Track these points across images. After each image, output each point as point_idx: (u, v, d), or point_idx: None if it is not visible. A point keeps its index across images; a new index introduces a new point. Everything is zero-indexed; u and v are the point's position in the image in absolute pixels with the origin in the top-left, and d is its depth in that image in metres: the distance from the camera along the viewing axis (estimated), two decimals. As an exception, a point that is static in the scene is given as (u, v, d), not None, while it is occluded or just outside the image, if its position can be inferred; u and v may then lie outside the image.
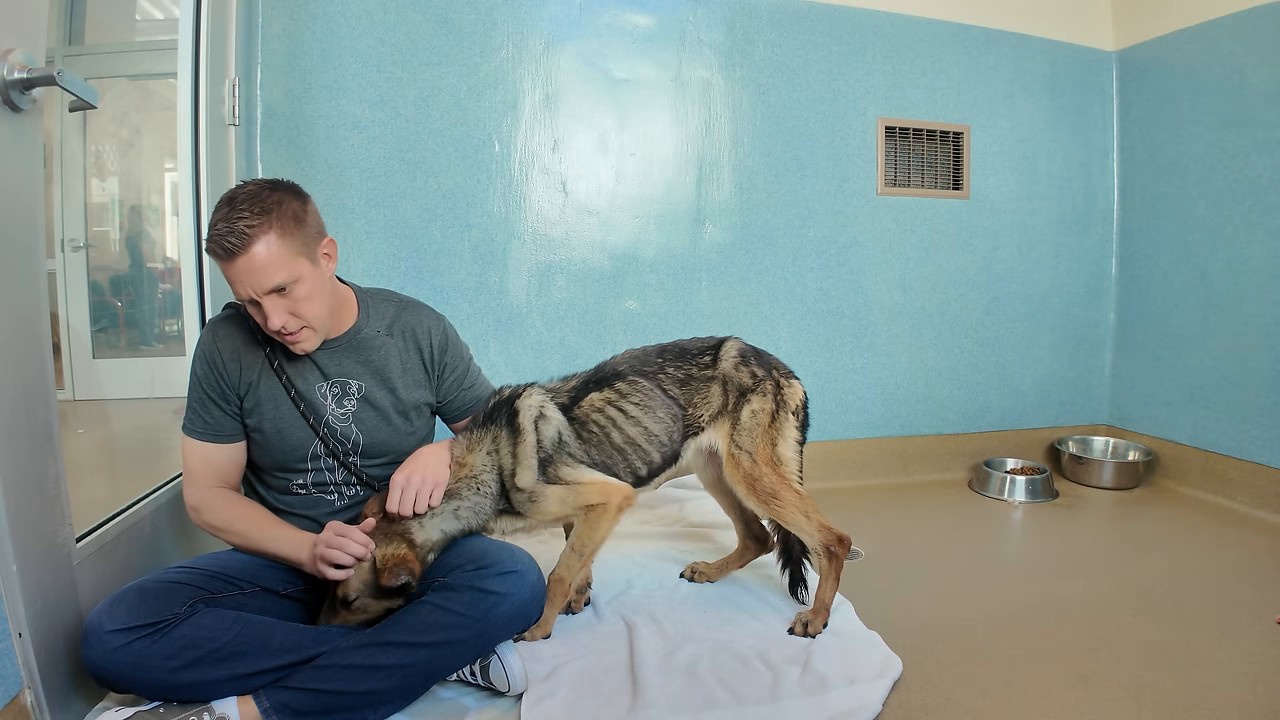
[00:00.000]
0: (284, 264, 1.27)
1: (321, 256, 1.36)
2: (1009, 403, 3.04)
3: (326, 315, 1.38)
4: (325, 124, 2.26)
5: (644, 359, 1.68)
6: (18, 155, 1.12)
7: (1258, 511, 2.48)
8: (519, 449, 1.50)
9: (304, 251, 1.31)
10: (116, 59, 2.93)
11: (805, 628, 1.62)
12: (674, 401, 1.64)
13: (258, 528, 1.40)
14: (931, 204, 2.87)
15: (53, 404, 1.21)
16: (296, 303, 1.30)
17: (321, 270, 1.36)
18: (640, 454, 1.60)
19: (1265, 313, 2.52)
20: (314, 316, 1.34)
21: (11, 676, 1.12)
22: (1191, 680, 1.48)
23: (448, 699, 1.39)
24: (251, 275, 1.25)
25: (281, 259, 1.27)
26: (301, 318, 1.32)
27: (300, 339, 1.35)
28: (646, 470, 1.62)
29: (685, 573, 1.92)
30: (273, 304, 1.28)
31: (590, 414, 1.58)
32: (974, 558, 2.20)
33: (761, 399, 1.64)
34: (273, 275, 1.26)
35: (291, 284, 1.29)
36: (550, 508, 1.51)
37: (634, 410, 1.60)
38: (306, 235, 1.32)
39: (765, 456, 1.62)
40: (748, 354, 1.69)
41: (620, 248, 2.58)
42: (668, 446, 1.63)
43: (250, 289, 1.27)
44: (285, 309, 1.30)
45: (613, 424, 1.58)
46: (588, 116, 2.52)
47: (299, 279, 1.29)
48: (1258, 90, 2.51)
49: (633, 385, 1.62)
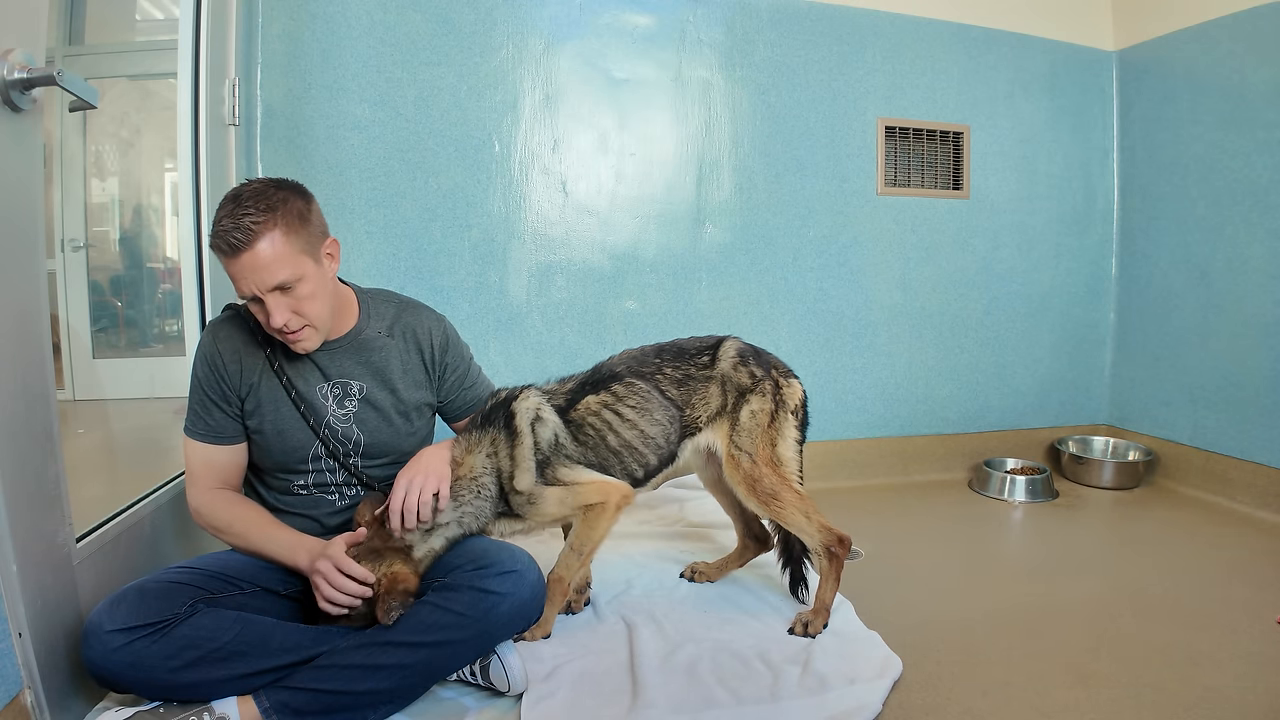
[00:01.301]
0: (287, 262, 1.27)
1: (325, 256, 1.37)
2: (1009, 403, 3.04)
3: (328, 315, 1.38)
4: (325, 124, 2.26)
5: (641, 359, 1.67)
6: (18, 155, 1.12)
7: (1258, 511, 2.48)
8: (516, 451, 1.49)
9: (307, 250, 1.31)
10: (116, 59, 2.93)
11: (805, 628, 1.62)
12: (671, 403, 1.63)
13: (257, 529, 1.41)
14: (931, 204, 2.87)
15: (53, 404, 1.21)
16: (299, 301, 1.30)
17: (324, 270, 1.36)
18: (636, 456, 1.59)
19: (1265, 313, 2.52)
20: (316, 315, 1.34)
21: (11, 676, 1.12)
22: (1191, 680, 1.48)
23: (448, 699, 1.39)
24: (255, 272, 1.25)
25: (285, 257, 1.27)
26: (304, 316, 1.32)
27: (302, 338, 1.35)
28: (643, 472, 1.62)
29: (685, 573, 1.92)
30: (275, 302, 1.28)
31: (586, 417, 1.57)
32: (974, 558, 2.20)
33: (761, 399, 1.63)
34: (276, 273, 1.26)
35: (294, 282, 1.29)
36: (549, 509, 1.51)
37: (630, 414, 1.59)
38: (310, 234, 1.33)
39: (765, 457, 1.61)
40: (746, 353, 1.68)
41: (620, 248, 2.58)
42: (664, 449, 1.63)
43: (253, 286, 1.27)
44: (288, 307, 1.30)
45: (609, 427, 1.57)
46: (588, 116, 2.52)
47: (302, 277, 1.30)
48: (1258, 90, 2.50)
49: (629, 388, 1.61)
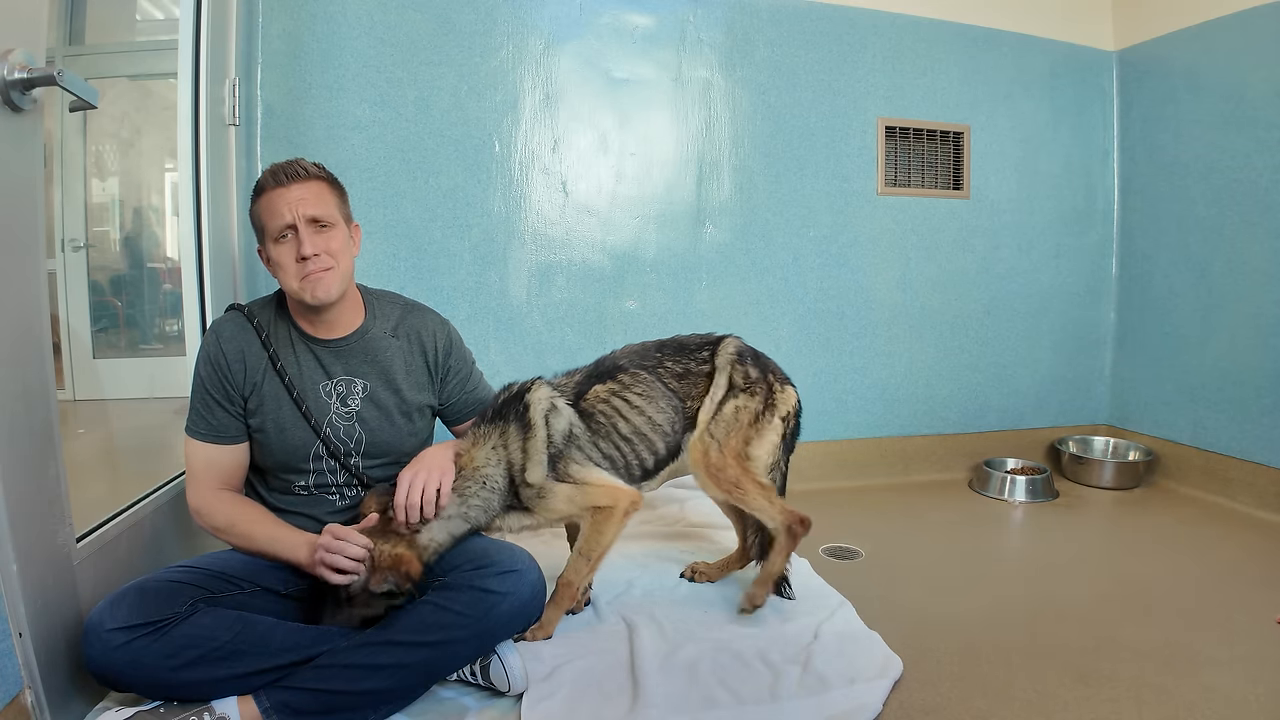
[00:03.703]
0: (328, 204, 1.43)
1: (353, 230, 1.51)
2: (1009, 403, 3.04)
3: (349, 273, 1.46)
4: (325, 124, 2.26)
5: (643, 353, 1.69)
6: (18, 155, 1.12)
7: (1258, 511, 2.48)
8: (529, 444, 1.50)
9: (343, 213, 1.47)
10: (116, 59, 2.93)
11: (751, 601, 1.67)
12: (674, 394, 1.65)
13: (259, 528, 1.41)
14: (932, 204, 2.87)
15: (53, 404, 1.21)
16: (329, 242, 1.41)
17: (350, 241, 1.48)
18: (647, 444, 1.61)
19: (1265, 313, 2.52)
20: (341, 261, 1.43)
21: (11, 676, 1.12)
22: (1191, 680, 1.48)
23: (448, 699, 1.39)
24: (301, 200, 1.39)
25: (329, 202, 1.43)
26: (331, 256, 1.41)
27: (324, 277, 1.40)
28: (654, 460, 1.63)
29: (686, 573, 1.92)
30: (310, 233, 1.39)
31: (596, 405, 1.59)
32: (974, 558, 2.20)
33: (749, 398, 1.65)
34: (316, 205, 1.40)
35: (330, 223, 1.42)
36: (558, 505, 1.51)
37: (638, 400, 1.61)
38: (345, 206, 1.50)
39: (734, 450, 1.62)
40: (745, 354, 1.70)
41: (620, 248, 2.58)
42: (671, 437, 1.65)
43: (295, 213, 1.38)
44: (320, 243, 1.40)
45: (618, 414, 1.59)
46: (588, 116, 2.52)
47: (335, 224, 1.43)
48: (1258, 90, 2.50)
49: (635, 377, 1.63)
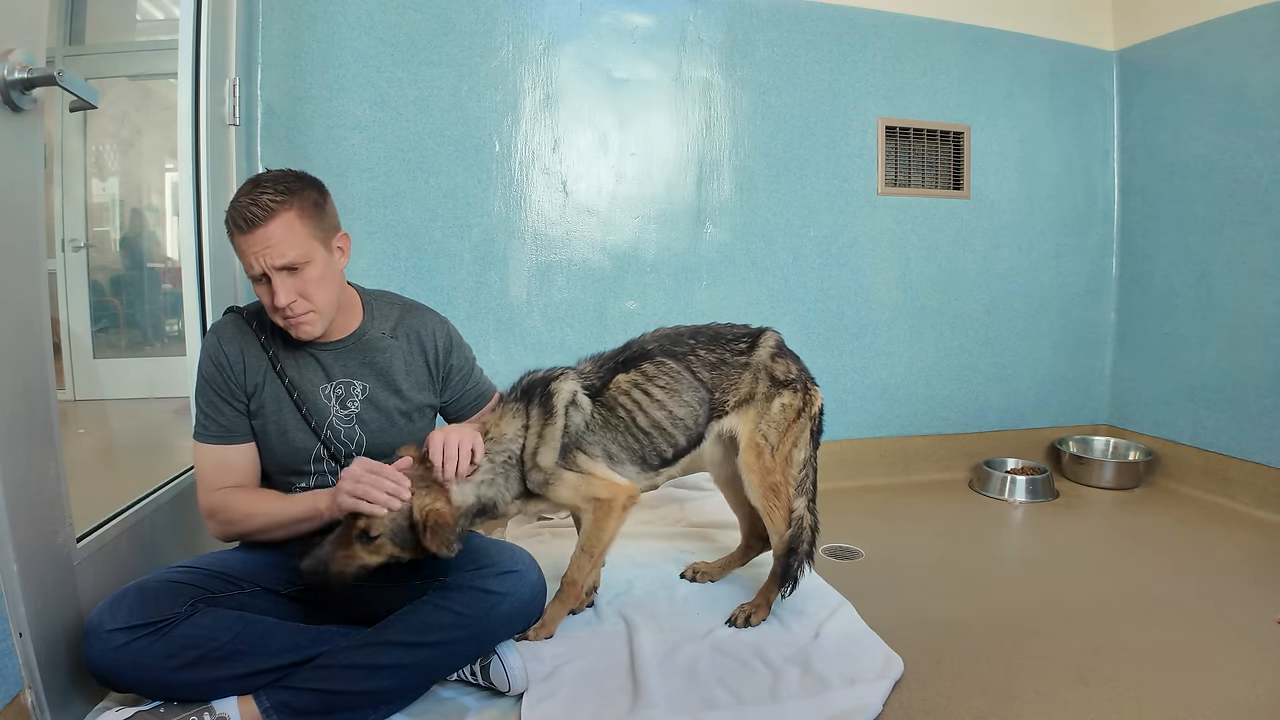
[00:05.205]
0: (299, 243, 1.31)
1: (335, 248, 1.41)
2: (1009, 403, 3.04)
3: (333, 304, 1.40)
4: (325, 124, 2.26)
5: (675, 339, 1.69)
6: (18, 155, 1.12)
7: (1258, 511, 2.48)
8: (547, 430, 1.51)
9: (319, 236, 1.35)
10: (116, 59, 2.93)
11: (747, 619, 1.66)
12: (702, 385, 1.65)
13: (275, 502, 1.39)
14: (932, 204, 2.87)
15: (53, 404, 1.21)
16: (305, 284, 1.33)
17: (334, 260, 1.40)
18: (666, 437, 1.62)
19: (1265, 313, 2.52)
20: (321, 301, 1.36)
21: (12, 676, 1.12)
22: (1191, 680, 1.48)
23: (448, 699, 1.40)
24: (268, 248, 1.28)
25: (298, 237, 1.31)
26: (308, 300, 1.34)
27: (304, 322, 1.36)
28: (672, 453, 1.64)
29: (686, 573, 1.92)
30: (282, 281, 1.31)
31: (617, 397, 1.60)
32: (974, 558, 2.20)
33: (793, 395, 1.67)
34: (286, 251, 1.29)
35: (303, 264, 1.32)
36: (563, 492, 1.52)
37: (659, 394, 1.61)
38: (323, 222, 1.37)
39: (783, 453, 1.65)
40: (785, 349, 1.72)
41: (620, 248, 2.58)
42: (692, 430, 1.65)
43: (264, 262, 1.29)
44: (294, 289, 1.32)
45: (639, 407, 1.60)
46: (588, 116, 2.52)
47: (310, 261, 1.33)
48: (1258, 90, 2.50)
49: (659, 367, 1.63)
